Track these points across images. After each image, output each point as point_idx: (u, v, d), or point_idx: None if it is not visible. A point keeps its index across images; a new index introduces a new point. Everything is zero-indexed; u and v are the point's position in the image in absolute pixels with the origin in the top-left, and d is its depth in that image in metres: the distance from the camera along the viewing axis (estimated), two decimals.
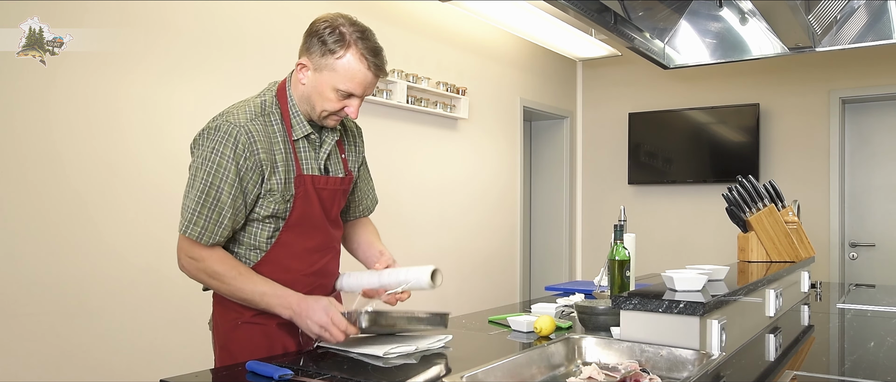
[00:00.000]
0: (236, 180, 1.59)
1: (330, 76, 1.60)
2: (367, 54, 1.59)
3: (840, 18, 3.27)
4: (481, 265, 5.04)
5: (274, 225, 1.69)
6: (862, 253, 5.16)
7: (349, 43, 1.58)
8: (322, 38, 1.59)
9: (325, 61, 1.59)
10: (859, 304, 2.73)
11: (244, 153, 1.59)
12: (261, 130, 1.63)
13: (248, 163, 1.60)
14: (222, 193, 1.59)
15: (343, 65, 1.58)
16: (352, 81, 1.60)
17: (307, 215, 1.72)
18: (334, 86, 1.60)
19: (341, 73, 1.59)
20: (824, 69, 5.14)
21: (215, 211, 1.60)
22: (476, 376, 1.30)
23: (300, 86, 1.67)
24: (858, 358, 1.78)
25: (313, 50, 1.61)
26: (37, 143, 2.57)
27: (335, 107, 1.64)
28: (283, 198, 1.66)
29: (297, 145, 1.69)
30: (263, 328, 1.72)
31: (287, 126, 1.68)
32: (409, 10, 4.31)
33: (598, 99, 6.19)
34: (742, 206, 2.84)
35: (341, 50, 1.58)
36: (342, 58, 1.58)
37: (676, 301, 1.58)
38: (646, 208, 5.82)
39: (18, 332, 2.52)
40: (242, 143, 1.59)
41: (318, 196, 1.73)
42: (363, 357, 1.62)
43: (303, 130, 1.68)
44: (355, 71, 1.59)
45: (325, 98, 1.63)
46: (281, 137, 1.66)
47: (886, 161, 5.07)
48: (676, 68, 3.68)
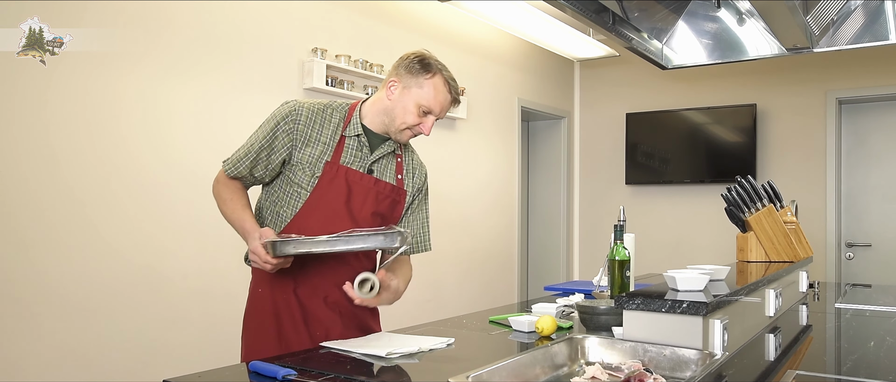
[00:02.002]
0: (270, 136, 1.84)
1: (417, 93, 1.85)
2: (449, 80, 1.89)
3: (837, 19, 3.28)
4: (479, 265, 5.05)
5: (298, 197, 1.87)
6: (858, 253, 5.18)
7: (437, 70, 1.87)
8: (414, 63, 1.87)
9: (414, 80, 1.86)
10: (857, 304, 2.74)
11: (285, 117, 1.84)
12: (315, 113, 1.87)
13: (286, 127, 1.83)
14: (257, 142, 1.85)
15: (429, 85, 1.85)
16: (434, 100, 1.86)
17: (329, 200, 1.87)
18: (418, 103, 1.85)
19: (426, 91, 1.85)
20: (821, 70, 5.16)
21: (245, 153, 1.87)
22: (481, 376, 1.30)
23: (386, 102, 1.90)
24: (859, 358, 1.79)
25: (403, 71, 1.87)
26: (36, 143, 2.56)
27: (413, 122, 1.87)
28: (311, 173, 1.85)
29: (346, 142, 1.90)
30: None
31: (344, 124, 1.90)
32: (408, 10, 4.31)
33: (595, 99, 6.20)
34: (741, 206, 2.85)
35: (430, 74, 1.86)
36: (430, 79, 1.85)
37: (679, 301, 1.58)
38: (643, 208, 5.83)
39: (18, 332, 2.52)
40: (290, 113, 1.84)
41: (349, 187, 1.88)
42: (365, 357, 1.63)
43: (355, 130, 1.90)
44: (438, 92, 1.86)
45: (407, 111, 1.86)
46: (332, 130, 1.89)
47: (883, 161, 5.09)
48: (674, 69, 3.69)
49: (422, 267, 4.44)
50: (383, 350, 1.66)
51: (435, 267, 4.59)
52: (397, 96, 1.87)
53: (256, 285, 1.95)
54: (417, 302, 4.37)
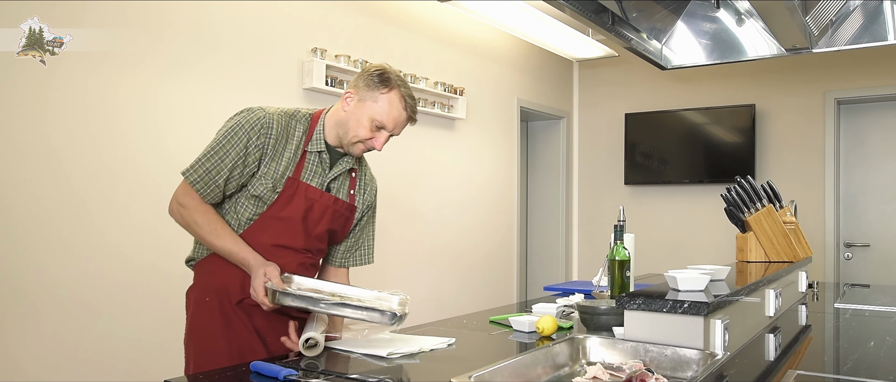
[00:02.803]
0: (243, 151, 1.77)
1: (372, 106, 1.82)
2: (406, 97, 1.84)
3: (836, 20, 3.29)
4: (478, 265, 5.05)
5: (256, 209, 1.83)
6: (857, 253, 5.19)
7: (394, 85, 1.82)
8: (373, 76, 1.83)
9: (371, 93, 1.82)
10: (856, 304, 2.74)
11: (258, 131, 1.78)
12: (283, 126, 1.82)
13: (259, 141, 1.78)
14: (227, 156, 1.77)
15: (384, 100, 1.81)
16: (388, 116, 1.82)
17: (286, 215, 1.84)
18: (372, 117, 1.81)
19: (381, 106, 1.81)
20: (819, 70, 5.17)
21: (215, 168, 1.77)
22: (483, 376, 1.31)
23: (341, 113, 1.86)
24: (860, 358, 1.79)
25: (361, 83, 1.84)
26: (36, 143, 2.56)
27: (366, 136, 1.83)
28: (274, 188, 1.81)
29: (307, 157, 1.86)
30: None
31: (307, 138, 1.86)
32: (407, 11, 4.31)
33: (594, 99, 6.20)
34: (741, 207, 2.86)
35: (386, 88, 1.82)
36: (385, 94, 1.81)
37: (680, 301, 1.59)
38: (642, 208, 5.84)
39: (18, 332, 2.51)
40: (261, 123, 1.78)
41: (308, 204, 1.85)
42: (366, 358, 1.63)
43: (318, 146, 1.87)
44: (393, 107, 1.82)
45: (360, 124, 1.82)
46: (295, 144, 1.84)
47: (881, 161, 5.10)
48: (674, 69, 3.69)
49: (421, 267, 4.45)
50: (384, 350, 1.67)
51: (434, 267, 4.59)
52: (352, 109, 1.84)
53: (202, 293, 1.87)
54: (416, 302, 4.37)
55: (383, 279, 4.13)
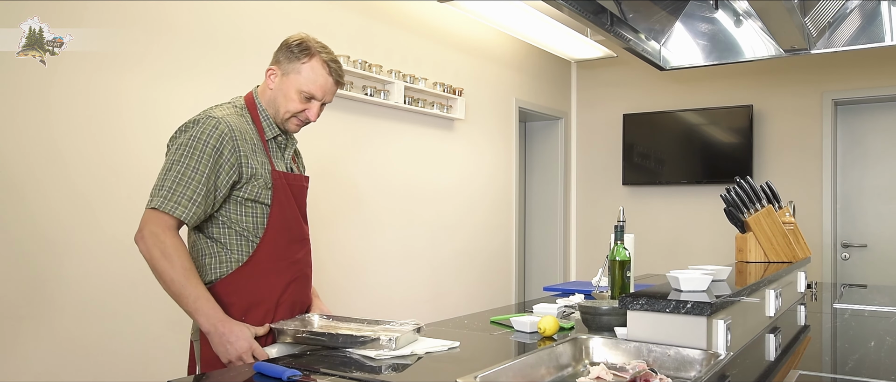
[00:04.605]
0: (211, 163, 1.70)
1: (295, 79, 1.79)
2: (328, 62, 1.80)
3: (834, 21, 3.30)
4: (477, 265, 5.05)
5: (257, 211, 1.81)
6: (854, 253, 5.21)
7: (314, 52, 1.80)
8: (291, 48, 1.80)
9: (292, 66, 1.80)
10: (854, 304, 2.75)
11: (223, 140, 1.72)
12: (239, 124, 1.79)
13: (227, 148, 1.72)
14: (196, 173, 1.69)
15: (307, 69, 1.79)
16: (314, 84, 1.80)
17: (286, 205, 1.85)
18: (298, 89, 1.79)
19: (305, 76, 1.79)
20: (817, 71, 5.19)
21: (190, 188, 1.68)
22: (489, 376, 1.31)
23: (268, 91, 1.85)
24: (861, 358, 1.80)
25: (282, 58, 1.82)
26: (37, 143, 2.55)
27: (297, 109, 1.82)
28: (266, 185, 1.80)
29: (269, 145, 1.86)
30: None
31: (258, 128, 1.84)
32: (407, 11, 4.31)
33: (592, 100, 6.21)
34: (740, 207, 2.87)
35: (307, 57, 1.79)
36: (307, 63, 1.79)
37: (684, 301, 1.59)
38: (640, 209, 5.85)
39: (19, 332, 2.51)
40: (223, 132, 1.73)
41: (292, 190, 1.88)
42: (369, 360, 1.63)
43: (272, 132, 1.86)
44: (317, 75, 1.79)
45: (289, 99, 1.81)
46: (255, 136, 1.83)
47: (878, 162, 5.12)
48: (672, 69, 3.70)
49: (420, 267, 4.45)
50: (387, 351, 1.66)
51: (433, 267, 4.59)
52: (278, 84, 1.82)
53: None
54: (416, 302, 4.38)
55: (383, 279, 4.14)
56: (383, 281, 4.14)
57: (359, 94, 3.86)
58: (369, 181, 4.07)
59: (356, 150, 3.99)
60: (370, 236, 4.06)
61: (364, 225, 4.04)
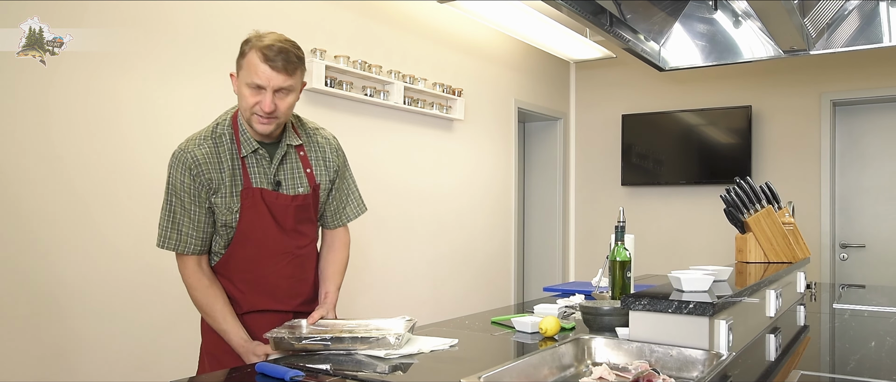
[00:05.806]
0: (187, 196, 1.83)
1: (243, 75, 1.80)
2: (265, 50, 1.77)
3: (833, 22, 3.30)
4: (476, 266, 5.06)
5: (227, 235, 1.89)
6: (852, 253, 5.22)
7: (252, 46, 1.79)
8: (241, 49, 1.82)
9: (239, 65, 1.82)
10: (853, 304, 2.76)
11: (191, 173, 1.82)
12: (208, 152, 1.84)
13: (197, 181, 1.82)
14: (177, 210, 1.84)
15: (246, 62, 1.79)
16: (255, 73, 1.77)
17: (256, 224, 1.88)
18: (246, 83, 1.79)
19: (246, 69, 1.79)
20: (815, 72, 5.20)
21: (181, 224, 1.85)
22: (492, 376, 1.31)
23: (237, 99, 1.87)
24: (861, 358, 1.80)
25: (236, 62, 1.84)
26: (36, 143, 2.55)
27: (250, 103, 1.80)
28: (229, 210, 1.85)
29: (246, 161, 1.87)
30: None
31: (237, 144, 1.87)
32: (406, 11, 4.31)
33: (591, 100, 6.22)
34: (740, 207, 2.87)
35: (247, 50, 1.79)
36: (246, 56, 1.79)
37: (686, 301, 1.59)
38: (639, 209, 5.85)
39: (18, 333, 2.50)
40: (189, 166, 1.82)
41: (269, 208, 1.88)
42: (371, 359, 1.63)
43: (250, 147, 1.86)
44: (255, 64, 1.77)
45: (243, 97, 1.81)
46: (230, 155, 1.85)
47: (876, 163, 5.13)
48: (671, 70, 3.71)
49: (419, 267, 4.45)
50: (388, 351, 1.66)
51: (432, 267, 4.59)
52: (237, 88, 1.84)
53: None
54: (415, 303, 4.37)
55: (382, 278, 4.13)
56: (382, 281, 4.14)
57: (358, 95, 3.86)
58: (369, 181, 4.07)
59: (356, 151, 3.98)
60: (369, 236, 4.06)
61: (363, 225, 4.04)
